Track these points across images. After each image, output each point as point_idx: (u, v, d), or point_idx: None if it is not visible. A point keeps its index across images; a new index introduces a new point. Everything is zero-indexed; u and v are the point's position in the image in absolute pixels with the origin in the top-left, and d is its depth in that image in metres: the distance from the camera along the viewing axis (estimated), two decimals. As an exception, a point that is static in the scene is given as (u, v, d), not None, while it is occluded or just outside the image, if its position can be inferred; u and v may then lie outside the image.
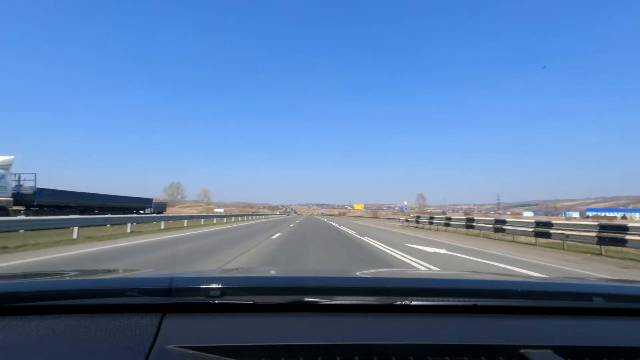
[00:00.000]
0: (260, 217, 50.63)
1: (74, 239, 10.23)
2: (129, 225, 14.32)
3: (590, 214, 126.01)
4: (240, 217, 37.38)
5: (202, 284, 0.88)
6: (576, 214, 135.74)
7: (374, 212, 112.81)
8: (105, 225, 14.57)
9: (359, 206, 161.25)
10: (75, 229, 11.06)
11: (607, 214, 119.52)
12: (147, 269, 1.65)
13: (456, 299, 0.90)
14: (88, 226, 12.97)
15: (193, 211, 74.18)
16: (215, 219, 26.84)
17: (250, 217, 43.02)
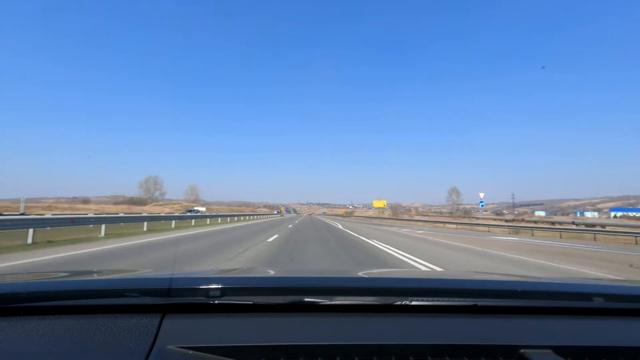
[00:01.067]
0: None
1: None
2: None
3: (617, 214, 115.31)
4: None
5: (202, 285, 0.90)
6: (594, 214, 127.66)
7: (394, 212, 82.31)
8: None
9: (379, 203, 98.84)
10: None
11: (636, 214, 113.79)
12: (146, 270, 1.66)
13: (456, 299, 0.91)
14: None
15: (165, 210, 60.44)
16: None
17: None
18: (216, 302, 0.86)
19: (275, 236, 12.50)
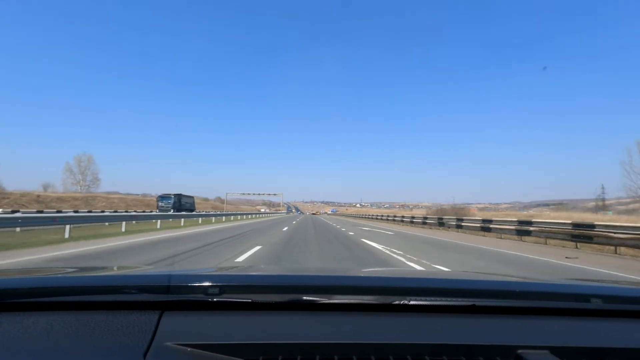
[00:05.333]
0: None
1: None
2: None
3: None
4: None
5: (201, 282, 0.93)
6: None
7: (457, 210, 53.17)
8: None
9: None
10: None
11: None
12: (145, 266, 1.71)
13: (455, 299, 0.94)
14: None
15: None
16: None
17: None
18: (215, 299, 0.88)
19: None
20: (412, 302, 0.91)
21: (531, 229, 14.23)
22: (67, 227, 10.82)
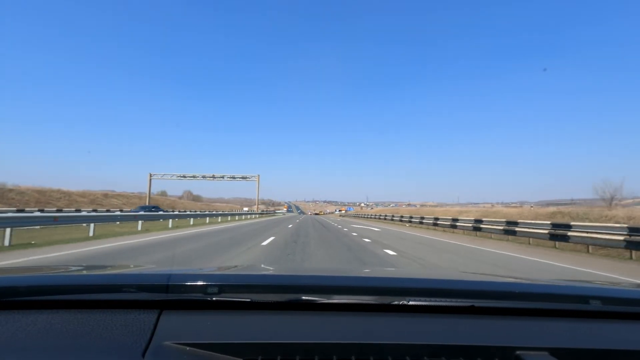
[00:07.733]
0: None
1: None
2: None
3: None
4: None
5: (200, 281, 0.95)
6: None
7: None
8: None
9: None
10: None
11: None
12: (145, 265, 1.73)
13: (454, 300, 0.95)
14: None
15: None
16: None
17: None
18: (214, 298, 0.89)
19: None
20: (411, 303, 0.92)
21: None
22: None
